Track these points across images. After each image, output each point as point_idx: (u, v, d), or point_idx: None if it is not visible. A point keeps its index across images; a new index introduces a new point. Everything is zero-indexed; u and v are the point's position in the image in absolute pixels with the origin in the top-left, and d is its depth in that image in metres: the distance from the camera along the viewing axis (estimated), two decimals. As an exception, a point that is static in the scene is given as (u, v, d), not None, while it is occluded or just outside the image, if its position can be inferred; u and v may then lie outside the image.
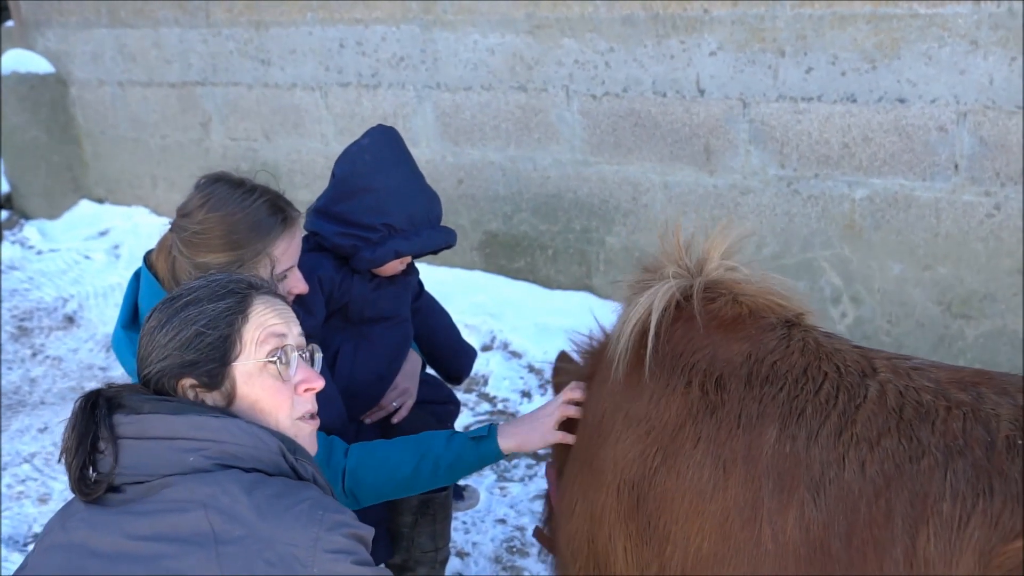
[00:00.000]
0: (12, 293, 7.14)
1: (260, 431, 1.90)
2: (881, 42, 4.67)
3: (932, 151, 4.70)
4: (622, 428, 2.12)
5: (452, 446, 2.58)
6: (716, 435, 1.97)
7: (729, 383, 2.01)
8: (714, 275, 2.20)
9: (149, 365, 1.95)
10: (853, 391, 1.91)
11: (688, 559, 1.96)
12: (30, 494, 4.68)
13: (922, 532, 1.72)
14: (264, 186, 2.71)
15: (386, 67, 6.33)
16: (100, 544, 1.79)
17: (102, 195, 8.22)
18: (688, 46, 5.17)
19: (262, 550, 1.74)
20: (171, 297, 2.02)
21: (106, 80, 7.75)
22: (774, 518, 1.86)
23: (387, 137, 3.12)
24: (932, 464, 1.76)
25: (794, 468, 1.86)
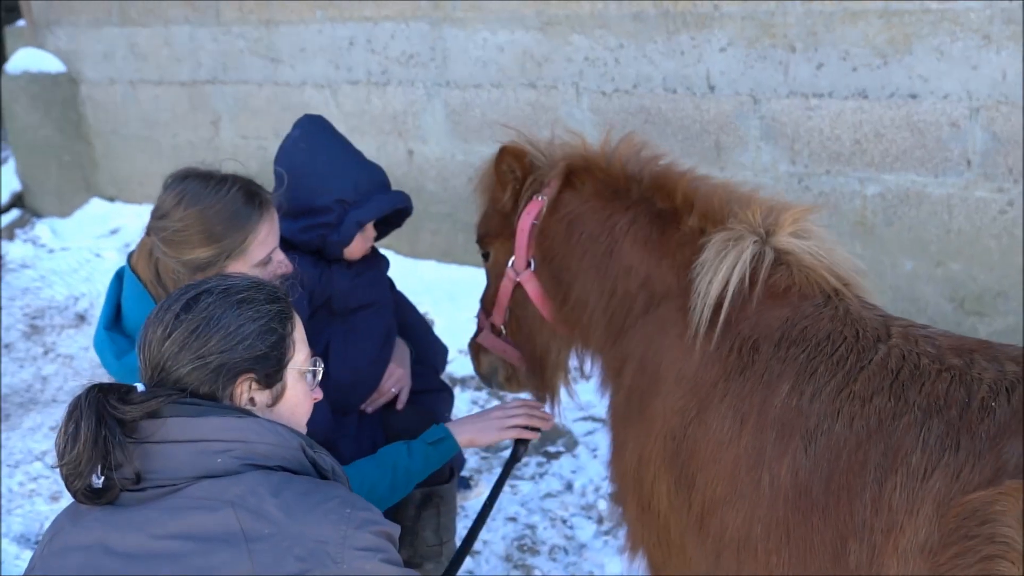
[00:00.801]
0: (24, 291, 7.16)
1: (281, 428, 1.91)
2: (893, 37, 4.64)
3: (944, 147, 4.67)
4: (672, 384, 2.30)
5: (415, 455, 2.80)
6: (740, 391, 2.15)
7: (762, 345, 2.18)
8: (783, 243, 2.33)
9: (201, 359, 1.88)
10: (863, 353, 2.06)
11: (706, 503, 2.16)
12: (41, 492, 4.69)
13: (890, 481, 1.88)
14: (234, 174, 2.71)
15: (396, 65, 6.32)
16: (121, 544, 1.78)
17: (113, 193, 8.24)
18: (698, 42, 5.16)
19: (292, 546, 1.75)
20: (216, 290, 1.95)
21: (117, 79, 7.77)
22: (772, 465, 2.04)
23: (316, 124, 3.22)
24: (911, 421, 1.91)
25: (795, 420, 2.04)
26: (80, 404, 1.80)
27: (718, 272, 2.27)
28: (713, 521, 2.14)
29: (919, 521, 1.83)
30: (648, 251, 2.53)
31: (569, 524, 4.26)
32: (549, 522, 4.27)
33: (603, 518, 4.27)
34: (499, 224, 2.88)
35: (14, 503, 4.63)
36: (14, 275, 7.44)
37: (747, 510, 2.07)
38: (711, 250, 2.32)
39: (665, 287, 2.48)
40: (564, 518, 4.29)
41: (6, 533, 4.40)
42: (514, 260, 2.83)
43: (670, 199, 2.55)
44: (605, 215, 2.62)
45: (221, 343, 1.90)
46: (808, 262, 2.28)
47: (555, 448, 4.80)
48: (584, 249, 2.64)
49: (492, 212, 2.90)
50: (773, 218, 2.36)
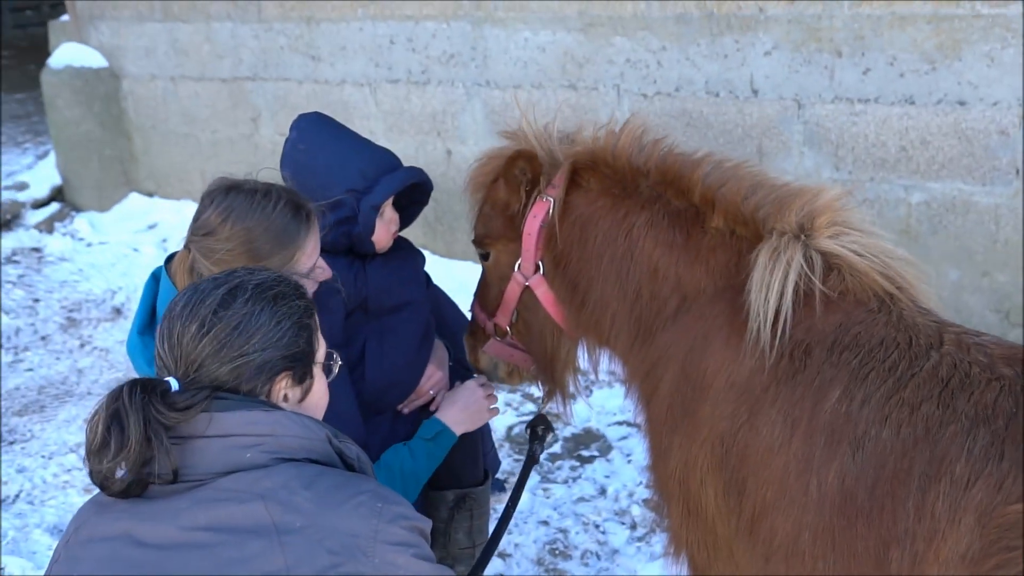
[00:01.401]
0: (62, 284, 7.21)
1: (308, 420, 1.90)
2: (942, 43, 4.56)
3: (993, 155, 4.59)
4: (722, 389, 2.27)
5: (417, 455, 2.88)
6: (791, 396, 2.13)
7: (815, 350, 2.16)
8: (829, 247, 2.27)
9: (243, 356, 1.86)
10: (915, 360, 2.04)
11: (756, 508, 2.15)
12: (75, 484, 4.71)
13: (933, 489, 1.87)
14: (278, 186, 2.64)
15: (436, 64, 6.31)
16: (149, 535, 1.77)
17: (152, 189, 8.28)
18: (742, 45, 5.10)
19: (324, 539, 1.74)
20: (250, 287, 1.93)
21: (158, 75, 7.81)
22: (820, 470, 2.03)
23: (312, 121, 3.15)
24: (957, 430, 1.90)
25: (844, 426, 2.02)
26: (123, 405, 1.76)
27: (773, 285, 2.22)
28: (763, 526, 2.13)
29: (961, 530, 1.82)
30: (676, 254, 2.49)
31: (602, 529, 4.21)
32: (582, 526, 4.23)
33: (636, 524, 4.22)
34: (502, 225, 2.81)
35: (48, 494, 4.65)
36: (52, 268, 7.49)
37: (796, 516, 2.06)
38: (761, 262, 2.27)
39: (700, 291, 2.44)
40: (597, 523, 4.25)
41: (39, 524, 4.42)
42: (521, 263, 2.77)
43: (685, 197, 2.51)
44: (619, 216, 2.57)
45: (263, 340, 1.88)
46: (859, 265, 2.24)
47: (589, 452, 4.76)
48: (600, 252, 2.60)
49: (493, 213, 2.84)
50: (809, 217, 2.31)
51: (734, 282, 2.36)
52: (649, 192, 2.56)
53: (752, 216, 2.38)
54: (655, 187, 2.56)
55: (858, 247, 2.27)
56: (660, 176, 2.55)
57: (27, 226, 8.10)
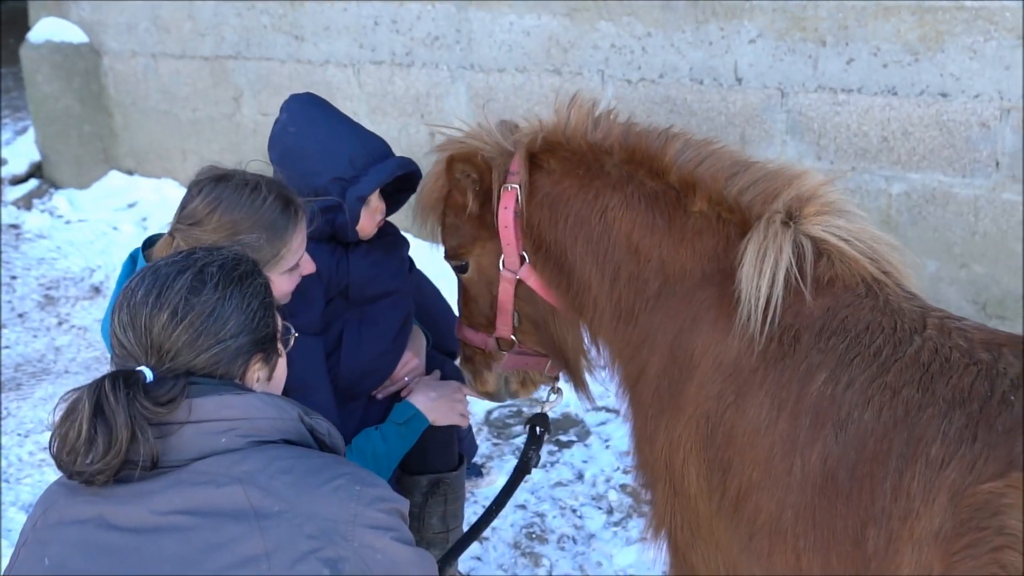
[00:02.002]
0: (40, 262, 7.16)
1: (280, 400, 1.90)
2: (925, 34, 4.58)
3: (973, 147, 4.61)
4: (709, 370, 2.30)
5: (389, 438, 2.91)
6: (779, 379, 2.17)
7: (803, 335, 2.20)
8: (817, 232, 2.29)
9: (220, 343, 1.84)
10: (899, 346, 2.09)
11: (742, 487, 2.19)
12: (51, 462, 4.65)
13: (909, 470, 1.93)
14: (267, 178, 2.61)
15: (420, 46, 6.28)
16: (122, 518, 1.75)
17: (132, 167, 8.22)
18: (727, 33, 5.10)
19: (303, 524, 1.73)
20: (207, 267, 1.89)
21: (139, 51, 7.74)
22: (804, 451, 2.08)
23: (302, 103, 3.09)
24: (935, 413, 1.96)
25: (829, 408, 2.08)
26: (107, 402, 1.72)
27: (764, 272, 2.23)
28: (748, 505, 2.18)
29: (934, 509, 1.88)
30: (657, 237, 2.48)
31: (579, 514, 4.23)
32: (559, 511, 4.25)
33: (613, 508, 4.24)
34: (472, 229, 2.77)
35: (24, 472, 4.64)
36: (30, 245, 7.44)
37: (780, 495, 2.11)
38: (752, 248, 2.28)
39: (685, 274, 2.45)
40: (574, 507, 4.27)
41: (15, 502, 4.40)
42: (504, 259, 2.71)
43: (661, 178, 2.50)
44: (590, 197, 2.56)
45: (237, 325, 1.87)
46: (848, 252, 2.27)
47: (567, 437, 4.77)
48: (575, 234, 2.59)
49: (457, 221, 2.79)
50: (797, 202, 2.32)
51: (722, 266, 2.38)
52: (618, 172, 2.55)
53: (737, 201, 2.38)
54: (623, 167, 2.54)
55: (846, 233, 2.29)
56: (627, 155, 2.54)
57: (5, 202, 8.02)
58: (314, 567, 1.72)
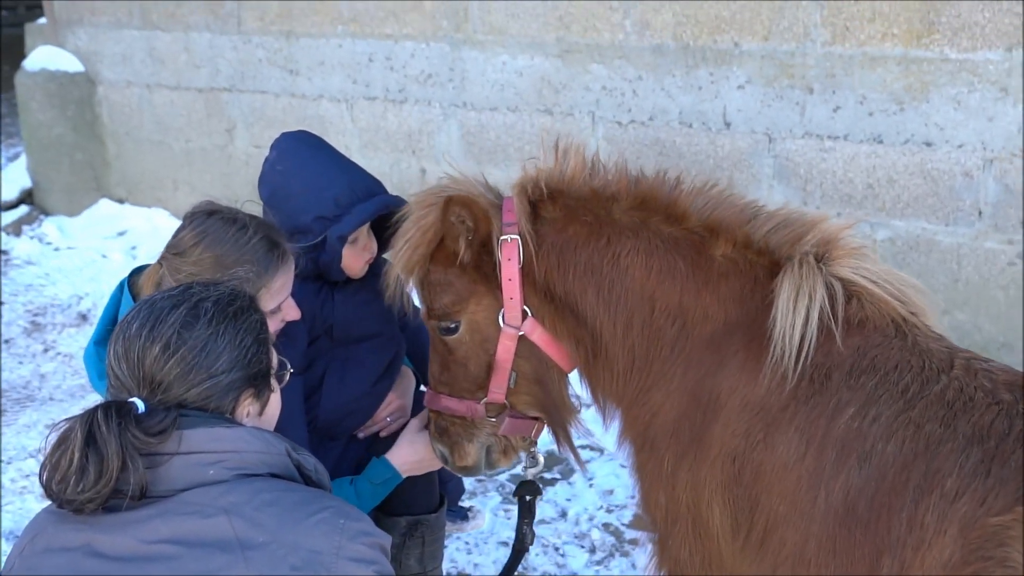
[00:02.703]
0: (27, 288, 7.16)
1: (268, 435, 1.92)
2: (910, 84, 4.66)
3: (956, 196, 4.68)
4: (736, 410, 2.31)
5: (363, 495, 2.89)
6: (809, 415, 2.21)
7: (834, 374, 2.24)
8: (846, 275, 2.33)
9: (212, 378, 1.87)
10: (926, 383, 2.15)
11: (769, 521, 2.22)
12: (33, 490, 4.67)
13: (924, 502, 2.00)
14: (257, 219, 2.63)
15: (413, 83, 6.35)
16: (110, 547, 1.77)
17: (123, 195, 8.25)
18: (717, 78, 5.18)
19: (287, 555, 1.75)
20: (203, 303, 1.92)
21: (134, 81, 7.80)
22: (829, 483, 2.13)
23: (292, 142, 3.07)
24: (953, 448, 2.03)
25: (854, 440, 2.13)
26: (99, 431, 1.74)
27: (798, 312, 2.26)
28: (774, 538, 2.22)
29: (945, 540, 1.95)
30: (678, 282, 2.44)
31: (561, 552, 4.23)
32: (541, 549, 4.25)
33: (596, 547, 4.25)
34: (466, 284, 2.60)
35: (6, 499, 4.61)
36: (18, 271, 7.44)
37: (804, 526, 2.16)
38: (785, 290, 2.30)
39: (707, 319, 2.43)
40: (556, 546, 4.27)
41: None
42: (505, 314, 2.56)
43: (679, 223, 2.47)
44: (600, 243, 2.50)
45: (229, 361, 1.89)
46: (877, 293, 2.31)
47: (551, 475, 4.78)
48: (586, 282, 2.52)
49: (446, 277, 2.61)
50: (823, 245, 2.36)
51: (747, 308, 2.40)
52: (628, 219, 2.50)
53: (766, 243, 2.40)
54: (633, 213, 2.50)
55: (874, 275, 2.34)
56: (637, 201, 2.50)
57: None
58: None
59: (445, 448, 2.78)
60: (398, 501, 3.09)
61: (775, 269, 2.37)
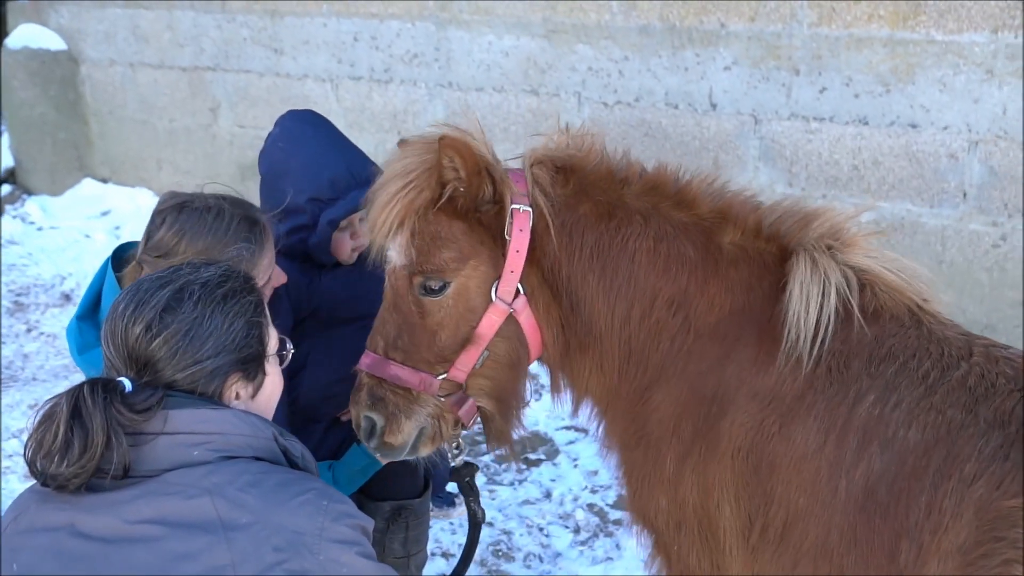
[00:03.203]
0: (10, 268, 7.12)
1: (255, 419, 1.91)
2: (896, 66, 4.66)
3: (941, 178, 4.69)
4: (745, 402, 2.26)
5: (340, 482, 2.86)
6: (828, 404, 2.18)
7: (853, 362, 2.21)
8: (860, 262, 2.30)
9: (197, 363, 1.86)
10: (947, 370, 2.15)
11: (788, 515, 2.19)
12: (16, 469, 4.65)
13: (943, 485, 2.00)
14: (229, 199, 2.58)
15: (399, 63, 6.32)
16: (92, 527, 1.77)
17: (106, 175, 8.20)
18: (703, 59, 5.16)
19: (270, 536, 1.75)
20: (197, 286, 1.91)
21: (117, 60, 7.74)
22: (849, 471, 2.12)
23: (296, 120, 3.06)
24: (974, 432, 2.03)
25: (876, 427, 2.12)
26: (85, 406, 1.75)
27: (811, 300, 2.23)
28: (795, 532, 2.18)
29: (961, 524, 1.95)
30: (686, 269, 2.36)
31: (545, 532, 4.25)
32: (526, 529, 4.26)
33: (580, 527, 4.26)
34: (471, 243, 2.39)
35: (-12, 479, 4.60)
36: (2, 251, 7.39)
37: (827, 518, 2.13)
38: (799, 277, 2.26)
39: (712, 308, 2.36)
40: (541, 526, 4.28)
41: (-21, 507, 4.37)
42: (499, 286, 2.38)
43: (690, 209, 2.40)
44: (611, 225, 2.39)
45: (216, 345, 1.88)
46: (891, 280, 2.29)
47: (536, 456, 4.79)
48: (590, 266, 2.39)
49: (449, 233, 2.38)
50: (832, 234, 2.33)
51: (755, 297, 2.35)
52: (639, 203, 2.40)
53: (773, 231, 2.37)
54: (644, 198, 2.41)
55: (887, 263, 2.32)
56: (648, 186, 2.42)
57: (-24, 208, 7.99)
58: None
59: (379, 418, 2.48)
60: (382, 485, 3.07)
61: (785, 257, 2.33)
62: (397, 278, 2.44)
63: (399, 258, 2.42)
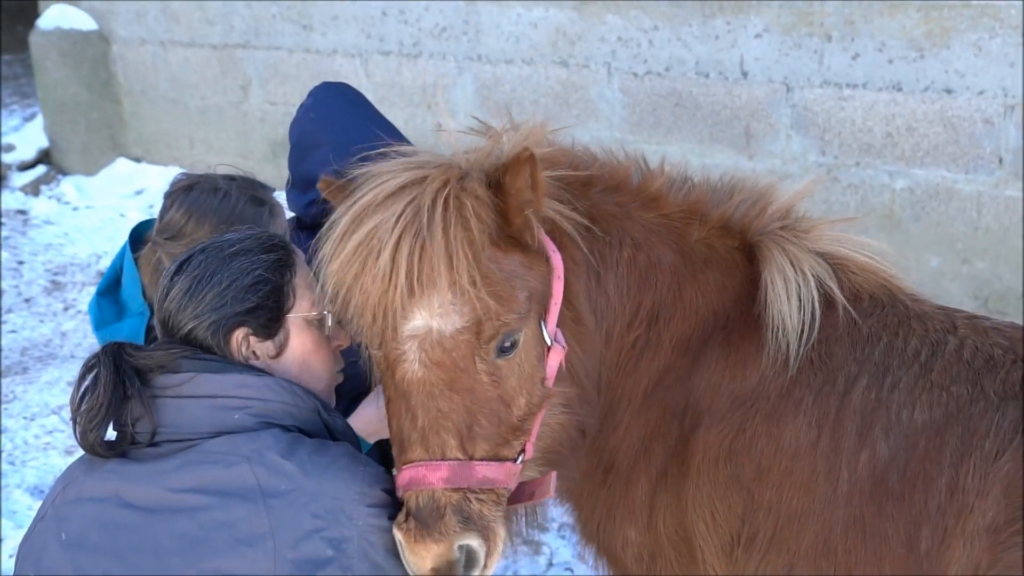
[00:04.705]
0: (47, 247, 7.20)
1: (298, 389, 1.93)
2: (931, 31, 4.59)
3: (977, 144, 4.63)
4: (724, 408, 2.14)
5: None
6: (816, 397, 2.09)
7: (835, 349, 2.13)
8: (829, 248, 2.23)
9: (197, 318, 1.92)
10: (936, 346, 2.08)
11: (780, 520, 2.08)
12: (56, 445, 4.73)
13: (965, 464, 1.91)
14: (238, 179, 2.63)
15: (428, 37, 6.30)
16: (137, 496, 1.81)
17: (139, 154, 8.25)
18: (734, 27, 5.11)
19: (308, 503, 1.78)
20: (210, 248, 1.99)
21: (148, 39, 7.77)
22: (851, 460, 2.02)
23: (331, 92, 3.06)
24: (986, 407, 1.95)
25: (875, 411, 2.03)
26: (98, 356, 1.86)
27: (791, 297, 2.13)
28: (788, 535, 2.05)
29: (988, 503, 1.87)
30: (664, 276, 2.19)
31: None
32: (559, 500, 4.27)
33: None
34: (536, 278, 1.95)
35: (29, 455, 4.67)
36: (38, 231, 7.48)
37: (828, 514, 2.01)
38: (771, 274, 2.16)
39: (682, 317, 2.20)
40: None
41: (20, 484, 4.44)
42: (547, 323, 1.97)
43: (657, 207, 2.22)
44: (597, 235, 2.14)
45: (214, 300, 1.93)
46: (861, 262, 2.23)
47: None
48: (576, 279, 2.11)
49: (516, 267, 1.91)
50: (787, 218, 2.24)
51: (726, 297, 2.23)
52: (611, 207, 2.19)
53: (736, 223, 2.25)
54: (611, 199, 2.20)
55: (852, 244, 2.25)
56: (612, 186, 2.22)
57: (13, 188, 8.07)
58: (318, 546, 1.77)
59: (479, 542, 1.86)
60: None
61: (749, 250, 2.23)
62: (451, 348, 1.85)
63: (449, 321, 1.84)
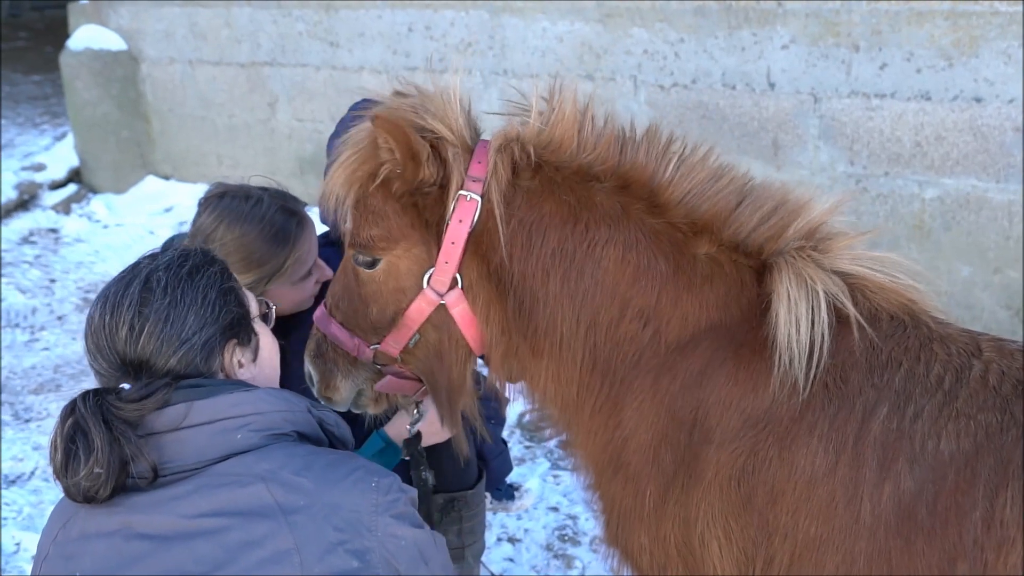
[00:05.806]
0: (78, 265, 7.26)
1: (287, 393, 1.93)
2: (959, 39, 4.57)
3: (1007, 152, 4.60)
4: (736, 427, 2.08)
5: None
6: (833, 422, 2.00)
7: (851, 374, 2.04)
8: (845, 267, 2.14)
9: (184, 343, 1.84)
10: (960, 371, 1.98)
11: (797, 547, 2.00)
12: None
13: (1001, 496, 1.82)
14: (270, 190, 2.65)
15: (453, 52, 6.33)
16: (149, 526, 1.76)
17: (168, 172, 8.33)
18: (760, 38, 5.11)
19: (329, 516, 1.77)
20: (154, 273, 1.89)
21: (176, 58, 7.85)
22: (873, 492, 1.93)
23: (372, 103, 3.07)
24: (1019, 434, 1.86)
25: (897, 442, 1.94)
26: (80, 414, 1.74)
27: (802, 313, 2.07)
28: (806, 564, 2.01)
29: None
30: (657, 282, 2.18)
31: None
32: (591, 513, 4.27)
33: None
34: (401, 225, 2.25)
35: (64, 471, 4.70)
36: (69, 249, 7.55)
37: (849, 545, 1.95)
38: (783, 290, 2.10)
39: (686, 323, 2.18)
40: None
41: (54, 500, 4.45)
42: (432, 275, 2.23)
43: (663, 214, 2.20)
44: (578, 228, 2.19)
45: (197, 320, 1.87)
46: (880, 282, 2.13)
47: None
48: (550, 268, 2.20)
49: (383, 209, 2.25)
50: (811, 236, 2.16)
51: (732, 313, 2.18)
52: (610, 203, 2.20)
53: (750, 240, 2.18)
54: (615, 196, 2.21)
55: (873, 263, 2.16)
56: (620, 185, 2.21)
57: (44, 207, 8.15)
58: (343, 559, 1.76)
59: (316, 373, 2.48)
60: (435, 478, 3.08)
61: (763, 268, 2.17)
62: (346, 243, 2.37)
63: (346, 224, 2.33)
